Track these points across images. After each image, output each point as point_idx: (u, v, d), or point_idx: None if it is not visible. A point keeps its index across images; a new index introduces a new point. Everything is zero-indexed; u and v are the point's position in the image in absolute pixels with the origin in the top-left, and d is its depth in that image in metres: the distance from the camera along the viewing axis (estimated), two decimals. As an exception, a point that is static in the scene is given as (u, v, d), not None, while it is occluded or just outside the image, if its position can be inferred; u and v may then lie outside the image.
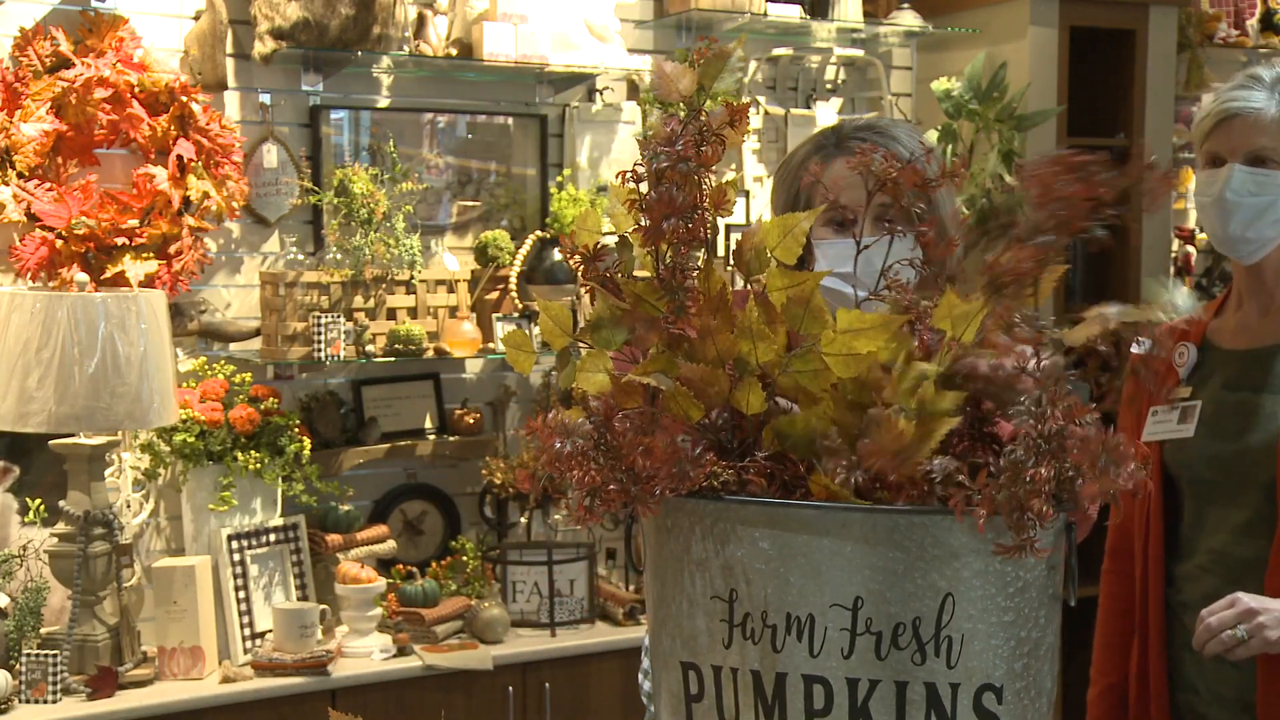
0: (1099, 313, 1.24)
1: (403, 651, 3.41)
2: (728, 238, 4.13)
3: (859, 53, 4.36)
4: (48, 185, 3.31)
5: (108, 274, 3.33)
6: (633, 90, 4.04)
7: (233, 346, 3.65)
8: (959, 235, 1.39)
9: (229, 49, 3.56)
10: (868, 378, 1.22)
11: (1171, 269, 4.74)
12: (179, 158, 3.38)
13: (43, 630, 3.18)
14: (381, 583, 3.46)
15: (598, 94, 4.02)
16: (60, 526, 3.17)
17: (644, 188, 1.28)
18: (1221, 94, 2.12)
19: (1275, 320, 2.15)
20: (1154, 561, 2.19)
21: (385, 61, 3.74)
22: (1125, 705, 2.25)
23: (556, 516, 3.91)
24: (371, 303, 3.62)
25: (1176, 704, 2.17)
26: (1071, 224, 1.20)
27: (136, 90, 3.38)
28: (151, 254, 3.38)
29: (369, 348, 3.56)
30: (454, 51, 3.77)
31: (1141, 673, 2.21)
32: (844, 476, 1.19)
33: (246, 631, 3.37)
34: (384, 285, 3.64)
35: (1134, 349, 1.23)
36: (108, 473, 3.34)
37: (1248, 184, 2.06)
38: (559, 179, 3.95)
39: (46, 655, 3.04)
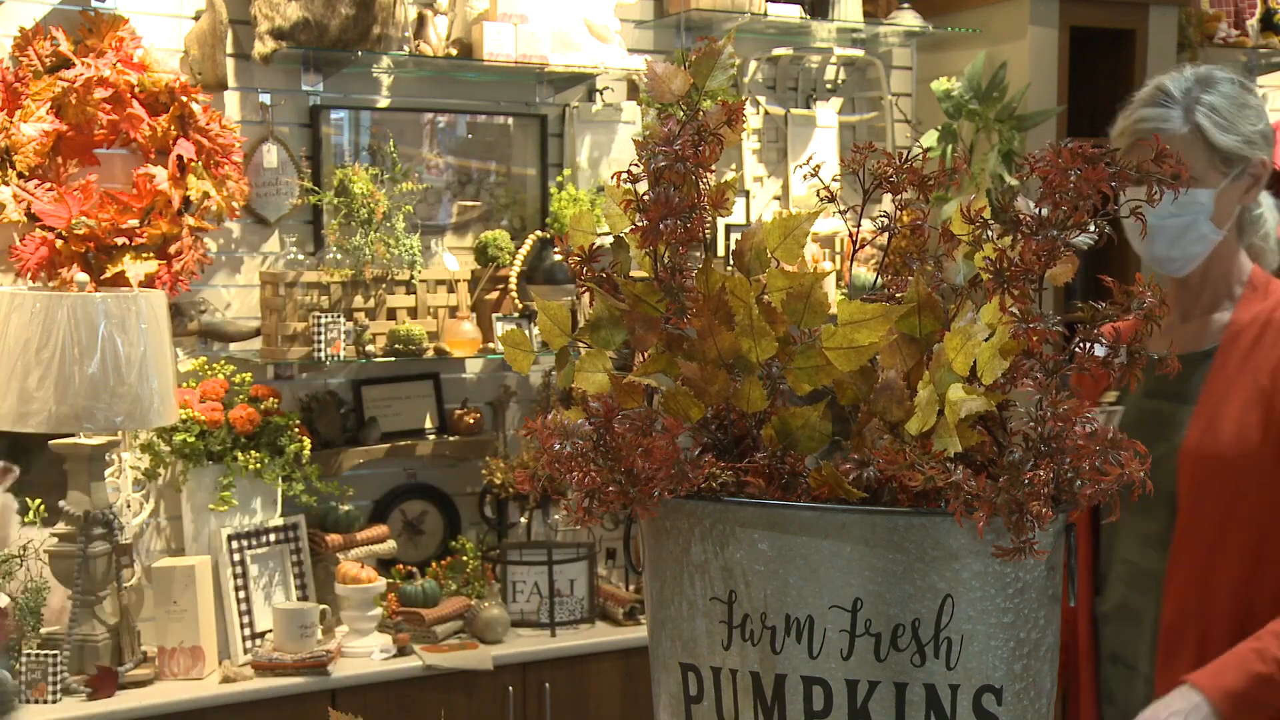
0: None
1: (403, 651, 3.41)
2: (727, 238, 4.13)
3: (859, 53, 4.36)
4: (48, 185, 3.31)
5: (108, 274, 3.33)
6: (633, 90, 4.04)
7: (233, 346, 3.65)
8: None
9: (229, 49, 3.56)
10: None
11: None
12: (179, 158, 3.38)
13: (43, 630, 3.18)
14: (381, 583, 3.46)
15: (598, 94, 4.02)
16: (60, 526, 3.17)
17: (641, 188, 1.28)
18: (1134, 110, 2.10)
19: (1194, 328, 2.13)
20: (1081, 568, 2.19)
21: (385, 61, 3.74)
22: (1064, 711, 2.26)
23: (556, 516, 3.91)
24: (371, 303, 3.62)
25: (1103, 714, 2.18)
26: (1077, 217, 1.20)
27: (136, 90, 3.38)
28: (151, 254, 3.38)
29: (369, 348, 3.56)
30: (454, 51, 3.77)
31: (1071, 679, 2.22)
32: (855, 474, 1.19)
33: (246, 631, 3.37)
34: (384, 285, 3.64)
35: (1095, 351, 1.23)
36: (108, 473, 3.34)
37: (1166, 205, 2.06)
38: (559, 179, 3.95)
39: (46, 655, 3.04)
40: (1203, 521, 2.03)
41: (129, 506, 3.46)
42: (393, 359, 3.62)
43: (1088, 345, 1.22)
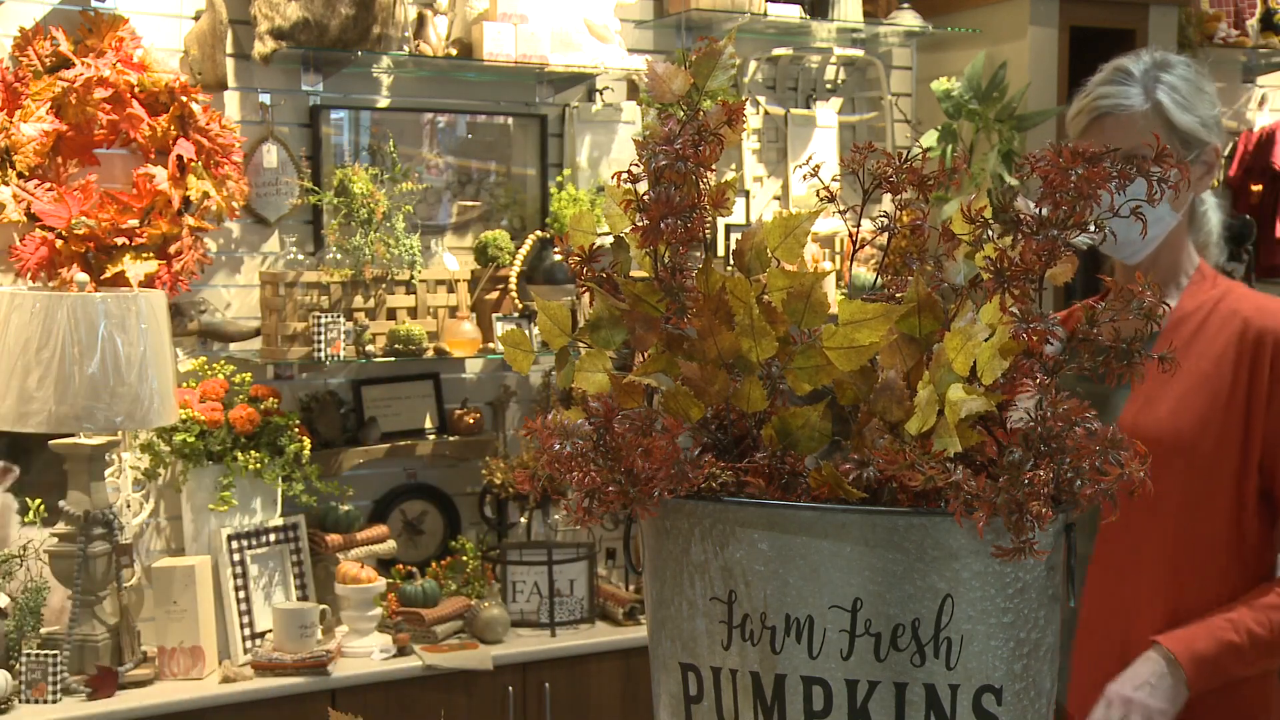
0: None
1: (403, 651, 3.41)
2: (727, 238, 4.13)
3: (859, 53, 4.36)
4: (48, 185, 3.31)
5: (108, 274, 3.33)
6: (633, 90, 4.04)
7: (233, 346, 3.65)
8: None
9: (229, 49, 3.56)
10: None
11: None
12: (179, 158, 3.38)
13: (43, 630, 3.18)
14: (381, 583, 3.46)
15: (598, 94, 4.02)
16: (60, 526, 3.17)
17: (641, 188, 1.28)
18: (1092, 89, 2.08)
19: None
20: None
21: (385, 61, 3.74)
22: None
23: (556, 516, 3.91)
24: (371, 303, 3.62)
25: None
26: (1077, 216, 1.20)
27: (136, 90, 3.38)
28: (151, 254, 3.38)
29: (369, 348, 3.56)
30: (454, 51, 3.77)
31: None
32: (855, 474, 1.19)
33: (246, 631, 3.37)
34: (384, 285, 3.64)
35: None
36: (108, 473, 3.34)
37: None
38: (559, 179, 3.95)
39: (46, 655, 3.03)
40: (1130, 504, 2.02)
41: (129, 506, 3.46)
42: (393, 359, 3.62)
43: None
